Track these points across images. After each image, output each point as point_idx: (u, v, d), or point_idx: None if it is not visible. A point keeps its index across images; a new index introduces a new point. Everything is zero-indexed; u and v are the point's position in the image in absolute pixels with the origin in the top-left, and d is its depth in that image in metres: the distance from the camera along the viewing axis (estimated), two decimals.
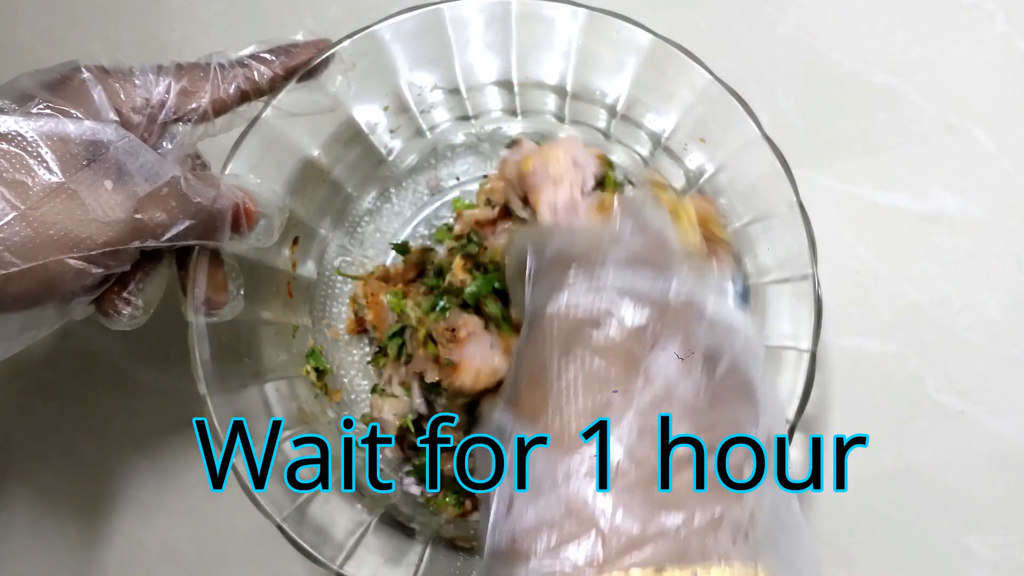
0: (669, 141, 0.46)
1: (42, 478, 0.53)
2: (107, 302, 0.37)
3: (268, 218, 0.40)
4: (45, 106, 0.33)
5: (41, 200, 0.32)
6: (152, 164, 0.35)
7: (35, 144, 0.32)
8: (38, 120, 0.33)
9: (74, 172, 0.33)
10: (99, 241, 0.33)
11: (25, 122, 0.32)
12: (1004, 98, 0.52)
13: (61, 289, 0.34)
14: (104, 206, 0.33)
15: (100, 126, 0.34)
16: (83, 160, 0.33)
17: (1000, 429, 0.49)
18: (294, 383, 0.47)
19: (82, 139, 0.33)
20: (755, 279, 0.43)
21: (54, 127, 0.33)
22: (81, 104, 0.34)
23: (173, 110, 0.36)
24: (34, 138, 0.32)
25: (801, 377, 0.39)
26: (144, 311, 0.38)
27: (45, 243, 0.32)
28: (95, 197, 0.33)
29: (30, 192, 0.32)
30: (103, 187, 0.33)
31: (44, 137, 0.33)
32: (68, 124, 0.33)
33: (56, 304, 0.35)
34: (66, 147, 0.33)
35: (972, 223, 0.51)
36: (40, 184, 0.32)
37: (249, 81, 0.39)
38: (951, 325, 0.50)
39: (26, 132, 0.32)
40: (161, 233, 0.35)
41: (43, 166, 0.32)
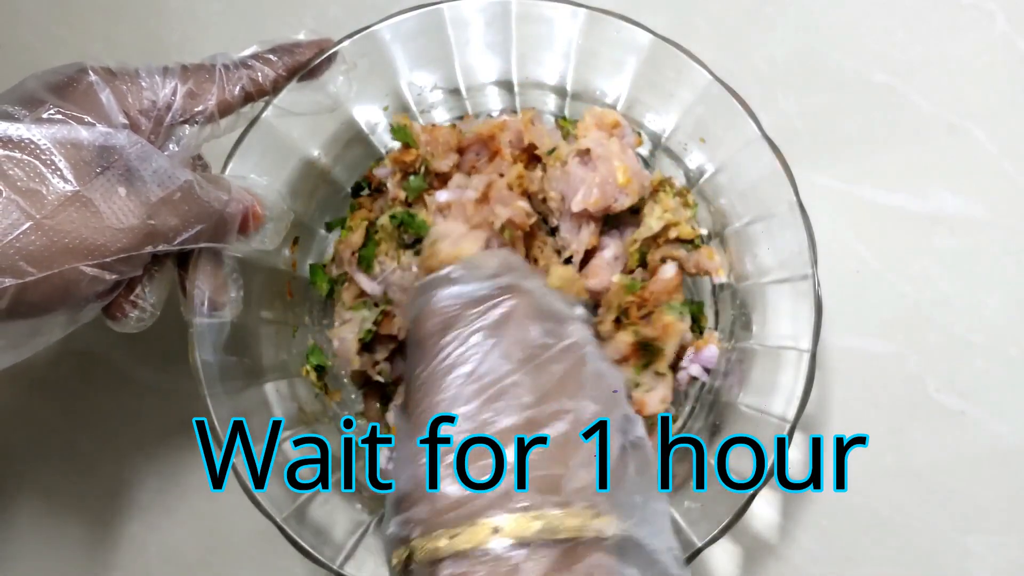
0: (669, 141, 0.46)
1: (42, 478, 0.53)
2: (115, 306, 0.37)
3: (274, 221, 0.40)
4: (56, 111, 0.33)
5: (56, 209, 0.32)
6: (165, 169, 0.35)
7: (48, 152, 0.32)
8: (51, 127, 0.33)
9: (88, 180, 0.33)
10: (114, 248, 0.33)
11: (38, 129, 0.32)
12: (1004, 98, 0.52)
13: (75, 296, 0.34)
14: (118, 213, 0.33)
15: (112, 132, 0.34)
16: (96, 167, 0.33)
17: (1000, 429, 0.49)
18: (294, 383, 0.47)
19: (94, 145, 0.33)
20: (755, 279, 0.43)
21: (67, 134, 0.33)
22: (91, 108, 0.34)
23: (180, 112, 0.36)
24: (47, 146, 0.32)
25: (801, 377, 0.39)
26: (151, 314, 0.38)
27: (60, 251, 0.32)
28: (109, 204, 0.33)
29: (45, 201, 0.32)
30: (117, 194, 0.33)
31: (57, 144, 0.32)
32: (80, 130, 0.33)
33: (68, 310, 0.35)
34: (79, 154, 0.33)
35: (972, 223, 0.51)
36: (55, 193, 0.32)
37: (253, 82, 0.39)
38: (951, 325, 0.50)
39: (39, 140, 0.32)
40: (174, 237, 0.35)
41: (57, 174, 0.32)
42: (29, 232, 0.31)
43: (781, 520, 0.50)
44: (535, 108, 0.48)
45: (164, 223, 0.35)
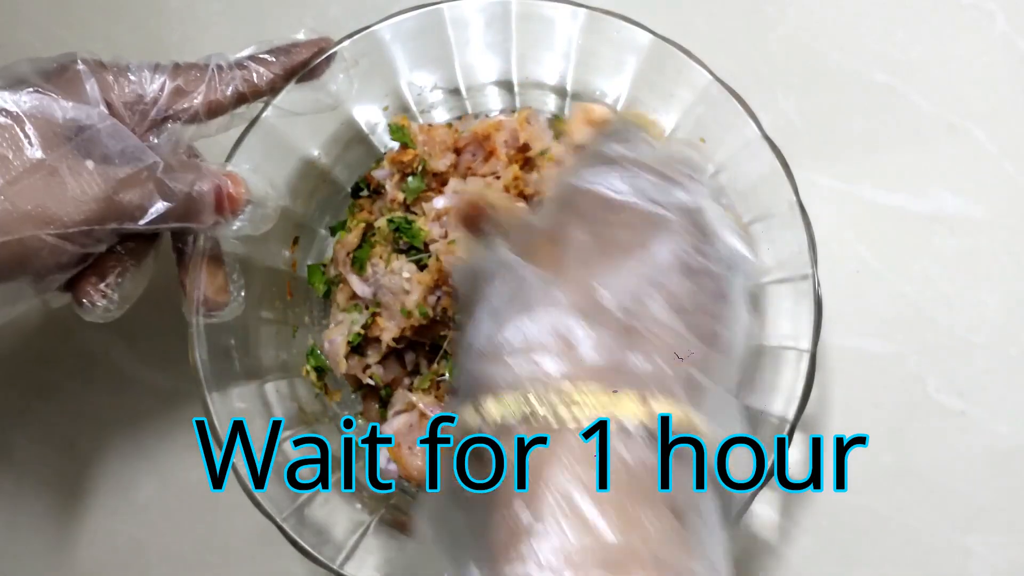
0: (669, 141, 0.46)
1: (42, 478, 0.53)
2: (82, 292, 0.37)
3: (257, 203, 0.39)
4: (35, 90, 0.34)
5: (21, 175, 0.32)
6: (134, 149, 0.35)
7: (20, 120, 0.33)
8: (26, 98, 0.33)
9: (55, 150, 0.33)
10: (76, 219, 0.33)
11: (12, 97, 0.33)
12: (1004, 98, 0.52)
13: (36, 264, 0.34)
14: (83, 184, 0.34)
15: (86, 108, 0.34)
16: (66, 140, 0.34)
17: (1000, 429, 0.49)
18: (294, 383, 0.47)
19: (67, 120, 0.34)
20: (755, 279, 0.43)
21: (40, 106, 0.34)
22: (72, 93, 0.35)
23: (164, 108, 0.37)
24: (18, 114, 0.33)
25: (801, 377, 0.39)
26: (119, 306, 0.38)
27: (21, 218, 0.32)
28: (74, 176, 0.33)
29: (11, 166, 0.32)
30: (84, 166, 0.34)
31: (29, 115, 0.33)
32: (54, 104, 0.34)
33: (31, 280, 0.35)
34: (50, 126, 0.33)
35: (972, 223, 0.51)
36: (21, 160, 0.33)
37: (247, 83, 0.39)
38: (951, 325, 0.50)
39: (11, 108, 0.33)
40: (139, 215, 0.35)
41: (26, 140, 0.33)
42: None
43: (781, 520, 0.50)
44: (532, 107, 0.48)
45: (128, 200, 0.35)
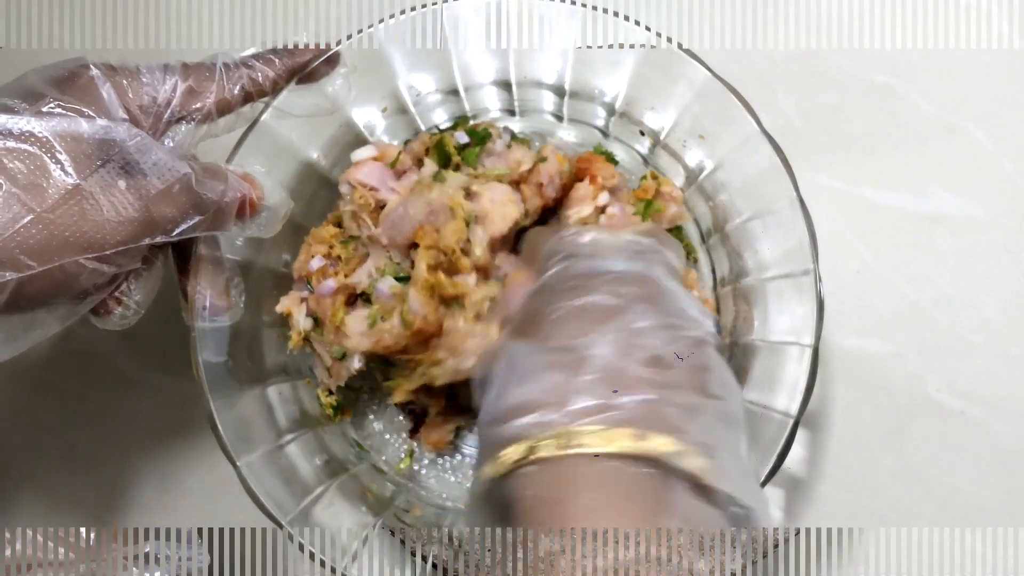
0: (668, 138, 0.46)
1: (42, 478, 0.53)
2: (99, 302, 0.37)
3: (272, 208, 0.40)
4: (56, 105, 0.33)
5: (57, 202, 0.32)
6: (164, 162, 0.35)
7: (49, 145, 0.32)
8: (51, 120, 0.33)
9: (88, 173, 0.33)
10: (113, 241, 0.33)
11: (39, 123, 0.32)
12: (1004, 98, 0.52)
13: (74, 289, 0.34)
14: (117, 206, 0.33)
15: (112, 125, 0.34)
16: (96, 160, 0.33)
17: (1000, 429, 0.49)
18: (296, 386, 0.47)
19: (95, 138, 0.33)
20: (756, 275, 0.43)
21: (67, 127, 0.33)
22: (91, 102, 0.34)
23: (178, 109, 0.36)
24: (47, 138, 0.32)
25: (804, 372, 0.39)
26: (135, 311, 0.38)
27: (60, 245, 0.32)
28: (109, 197, 0.33)
29: (46, 195, 0.32)
30: (116, 187, 0.33)
31: (58, 137, 0.32)
32: (81, 123, 0.33)
33: (67, 303, 0.35)
34: (79, 147, 0.33)
35: (972, 223, 0.51)
36: (55, 186, 0.32)
37: (253, 82, 0.39)
38: (951, 325, 0.50)
39: (40, 133, 0.32)
40: (172, 229, 0.35)
41: (58, 167, 0.32)
42: (30, 226, 0.31)
43: (781, 520, 0.50)
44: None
45: (162, 215, 0.35)
